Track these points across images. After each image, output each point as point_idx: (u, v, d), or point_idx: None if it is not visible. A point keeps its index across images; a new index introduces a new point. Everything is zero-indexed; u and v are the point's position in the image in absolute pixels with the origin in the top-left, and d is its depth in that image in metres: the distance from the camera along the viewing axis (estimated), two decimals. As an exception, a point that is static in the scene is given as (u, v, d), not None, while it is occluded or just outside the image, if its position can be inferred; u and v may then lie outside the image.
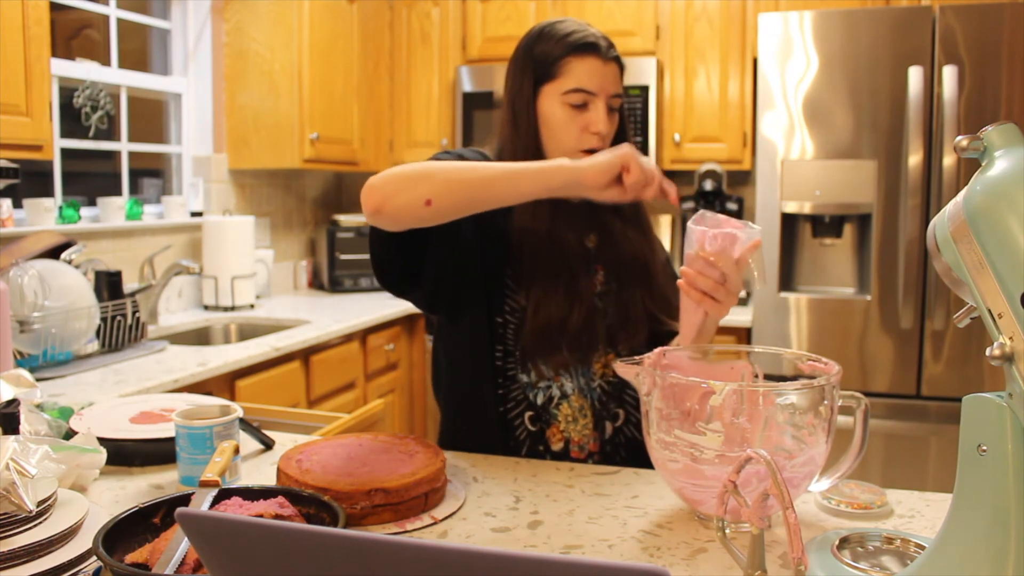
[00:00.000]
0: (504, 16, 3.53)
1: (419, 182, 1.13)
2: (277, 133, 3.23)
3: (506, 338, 1.33)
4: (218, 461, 1.06)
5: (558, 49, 1.29)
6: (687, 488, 1.01)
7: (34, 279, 2.05)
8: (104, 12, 2.87)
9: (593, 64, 1.28)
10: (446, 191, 1.13)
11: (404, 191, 1.13)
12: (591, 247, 1.38)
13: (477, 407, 1.34)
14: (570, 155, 1.29)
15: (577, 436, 1.33)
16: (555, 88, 1.29)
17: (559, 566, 0.43)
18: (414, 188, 1.12)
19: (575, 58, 1.28)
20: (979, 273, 0.72)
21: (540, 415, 1.33)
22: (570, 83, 1.28)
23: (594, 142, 1.29)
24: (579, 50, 1.28)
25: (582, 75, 1.28)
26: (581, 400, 1.33)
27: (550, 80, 1.30)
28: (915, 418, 2.66)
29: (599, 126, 1.28)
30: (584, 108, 1.29)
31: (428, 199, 1.12)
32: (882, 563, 0.91)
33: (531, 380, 1.33)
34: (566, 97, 1.29)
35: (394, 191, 1.13)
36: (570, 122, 1.29)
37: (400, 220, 1.15)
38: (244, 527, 0.52)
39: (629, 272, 1.37)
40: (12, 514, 0.86)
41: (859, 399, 1.05)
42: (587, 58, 1.28)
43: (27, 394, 1.29)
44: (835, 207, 2.73)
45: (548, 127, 1.31)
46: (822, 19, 2.67)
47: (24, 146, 2.04)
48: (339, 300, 3.44)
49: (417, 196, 1.12)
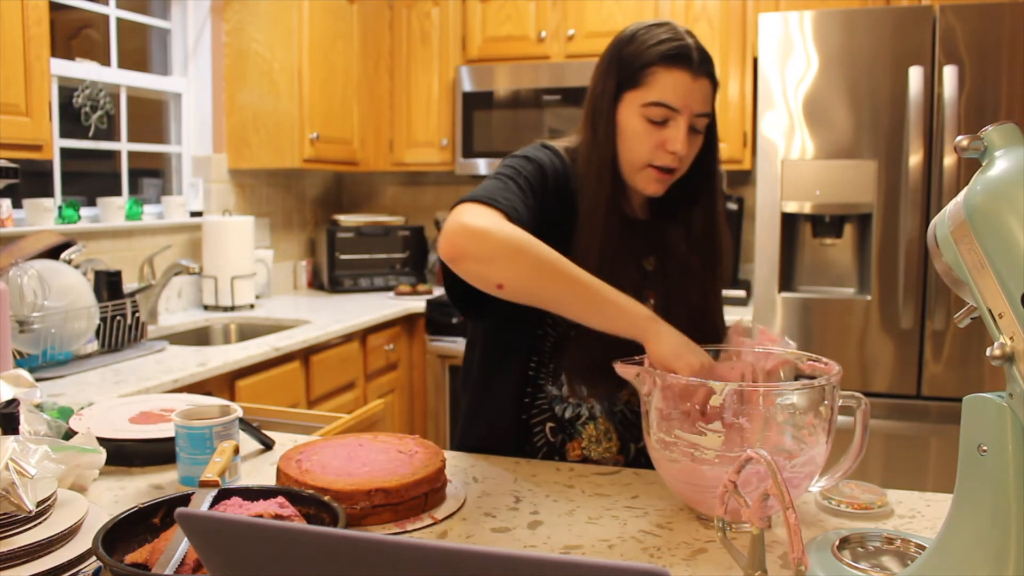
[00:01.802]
0: (504, 16, 3.53)
1: (503, 262, 1.06)
2: (277, 133, 3.23)
3: (543, 350, 1.30)
4: (218, 461, 1.06)
5: (647, 56, 1.21)
6: (687, 488, 1.01)
7: (34, 279, 2.05)
8: (104, 12, 2.87)
9: (681, 78, 1.19)
10: (522, 285, 1.08)
11: (484, 260, 1.07)
12: (648, 270, 1.32)
13: (499, 409, 1.32)
14: (640, 170, 1.24)
15: (597, 456, 1.32)
16: (637, 97, 1.21)
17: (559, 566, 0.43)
18: (494, 265, 1.06)
19: (663, 68, 1.20)
20: (979, 273, 0.72)
21: (564, 427, 1.31)
22: (653, 95, 1.20)
23: (668, 160, 1.22)
24: (669, 60, 1.19)
25: (667, 88, 1.19)
26: (607, 424, 1.31)
27: (634, 88, 1.22)
28: (915, 418, 2.66)
29: (676, 145, 1.20)
30: (664, 124, 1.21)
31: (501, 284, 1.07)
32: (882, 563, 0.91)
33: (560, 394, 1.31)
34: (646, 110, 1.21)
35: (475, 255, 1.07)
36: (646, 136, 1.21)
37: (466, 279, 1.10)
38: (244, 527, 0.52)
39: (680, 307, 1.27)
40: (12, 514, 0.86)
41: (859, 399, 1.05)
42: (676, 71, 1.19)
43: (27, 394, 1.28)
44: (835, 207, 2.73)
45: (623, 136, 1.23)
46: (822, 19, 2.66)
47: (24, 146, 2.03)
48: (339, 300, 3.44)
49: (494, 274, 1.07)
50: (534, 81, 3.44)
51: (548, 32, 3.47)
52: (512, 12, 3.52)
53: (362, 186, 4.17)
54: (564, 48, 3.46)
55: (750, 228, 3.32)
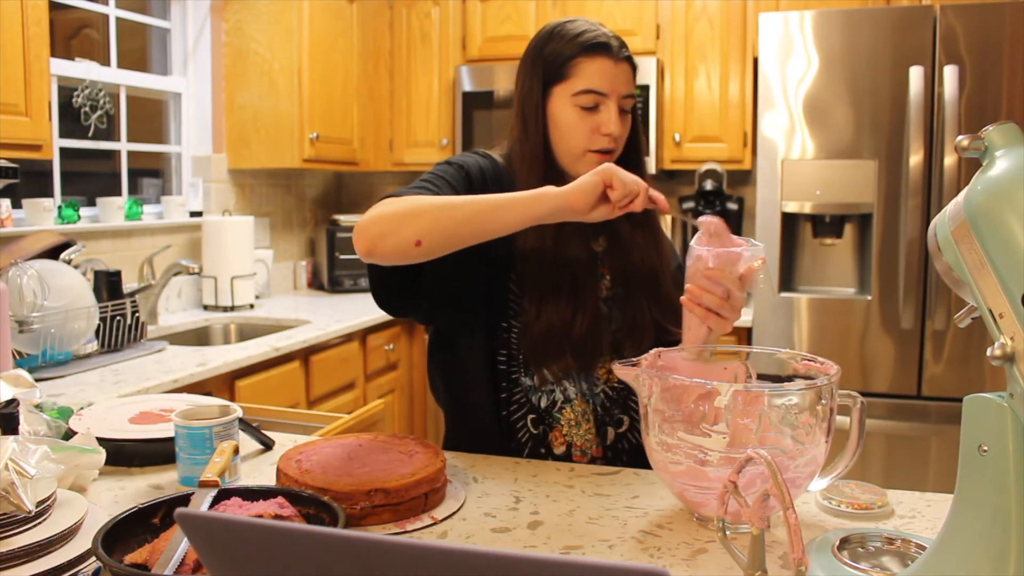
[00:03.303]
0: (504, 16, 3.53)
1: (406, 222, 1.11)
2: (277, 133, 3.23)
3: (510, 343, 1.31)
4: (217, 461, 1.06)
5: (569, 49, 1.27)
6: (689, 491, 1.01)
7: (33, 279, 2.05)
8: (103, 12, 2.86)
9: (604, 64, 1.26)
10: (434, 230, 1.11)
11: (392, 233, 1.11)
12: (599, 251, 1.36)
13: (478, 410, 1.33)
14: (580, 157, 1.28)
15: (579, 441, 1.32)
16: (565, 89, 1.27)
17: (559, 566, 0.43)
18: (402, 229, 1.11)
19: (586, 58, 1.26)
20: (980, 273, 0.72)
21: (543, 418, 1.32)
22: (581, 84, 1.26)
23: (605, 143, 1.27)
24: (590, 50, 1.26)
25: (593, 76, 1.25)
26: (584, 405, 1.32)
27: (560, 81, 1.28)
28: (916, 418, 2.66)
29: (610, 127, 1.26)
30: (595, 109, 1.26)
31: (417, 240, 1.11)
32: (883, 564, 0.90)
33: (534, 384, 1.32)
34: (576, 98, 1.26)
35: (382, 233, 1.12)
36: (580, 123, 1.27)
37: (392, 260, 1.15)
38: (243, 527, 0.52)
39: (636, 278, 1.34)
40: (11, 514, 0.86)
41: (855, 398, 1.05)
42: (598, 58, 1.26)
43: (26, 394, 1.28)
44: (835, 207, 2.73)
45: (558, 128, 1.29)
46: (823, 19, 2.66)
47: (23, 146, 2.03)
48: (339, 300, 3.44)
49: (405, 238, 1.11)
50: (534, 81, 3.43)
51: (548, 32, 3.46)
52: (512, 12, 3.52)
53: (362, 186, 4.17)
54: (564, 48, 3.46)
55: (750, 228, 3.32)
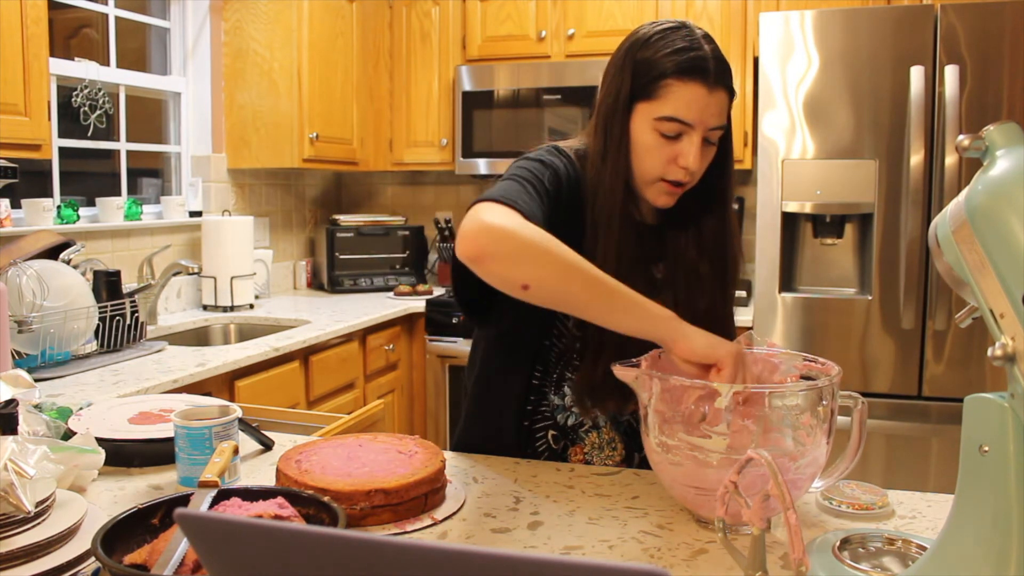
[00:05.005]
0: (504, 16, 3.53)
1: (526, 260, 1.02)
2: (276, 132, 3.23)
3: (548, 360, 1.29)
4: (217, 462, 1.05)
5: (662, 65, 1.15)
6: (689, 492, 1.01)
7: (32, 279, 2.05)
8: (103, 11, 2.86)
9: (697, 92, 1.14)
10: (547, 287, 1.03)
11: (506, 260, 1.02)
12: (657, 277, 1.29)
13: (501, 414, 1.32)
14: (651, 183, 1.21)
15: (599, 461, 1.31)
16: (650, 110, 1.17)
17: (559, 567, 0.43)
18: (519, 264, 1.02)
19: (678, 81, 1.14)
20: (981, 273, 0.72)
21: (566, 434, 1.31)
22: (667, 109, 1.15)
23: (680, 175, 1.18)
24: (684, 73, 1.14)
25: (681, 104, 1.15)
26: (612, 433, 1.31)
27: (647, 99, 1.17)
28: (916, 419, 2.65)
29: (688, 160, 1.16)
30: (677, 138, 1.17)
31: (527, 284, 1.02)
32: (883, 564, 0.90)
33: (562, 403, 1.30)
34: (659, 124, 1.16)
35: (495, 254, 1.02)
36: (658, 151, 1.18)
37: (488, 281, 1.05)
38: (243, 528, 0.52)
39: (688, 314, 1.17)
40: (11, 515, 0.86)
41: (856, 399, 1.05)
42: (691, 84, 1.14)
43: (25, 394, 1.28)
44: (836, 207, 2.72)
45: (635, 149, 1.20)
46: (823, 18, 2.66)
47: (22, 145, 2.03)
48: (338, 300, 3.44)
49: (517, 275, 1.02)
50: (534, 81, 3.43)
51: (548, 32, 3.47)
52: (512, 11, 3.52)
53: (362, 186, 4.17)
54: (564, 48, 3.46)
55: (750, 228, 3.32)
